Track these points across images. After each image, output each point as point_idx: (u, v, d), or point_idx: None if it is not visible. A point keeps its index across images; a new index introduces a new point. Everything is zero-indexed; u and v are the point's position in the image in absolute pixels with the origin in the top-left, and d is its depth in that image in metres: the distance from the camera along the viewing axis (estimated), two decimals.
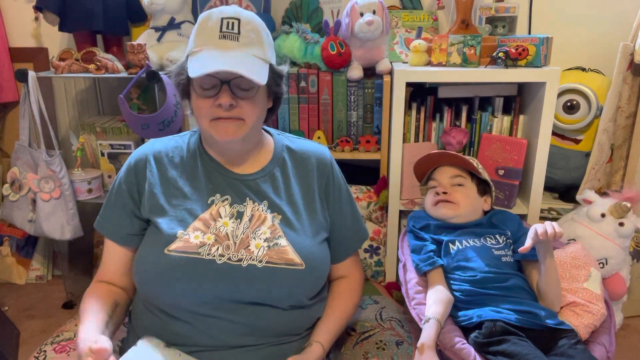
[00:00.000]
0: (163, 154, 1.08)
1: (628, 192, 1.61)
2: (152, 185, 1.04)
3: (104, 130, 1.87)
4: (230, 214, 1.02)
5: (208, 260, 0.96)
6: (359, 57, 1.68)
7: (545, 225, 1.15)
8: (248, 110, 0.97)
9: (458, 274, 1.25)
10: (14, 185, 1.84)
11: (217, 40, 0.94)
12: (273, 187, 1.07)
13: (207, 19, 0.96)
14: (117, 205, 1.06)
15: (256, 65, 0.95)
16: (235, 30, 0.95)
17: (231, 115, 0.96)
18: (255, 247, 0.99)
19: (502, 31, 1.77)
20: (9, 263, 2.17)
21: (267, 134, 1.15)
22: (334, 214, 1.13)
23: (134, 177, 1.05)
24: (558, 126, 1.73)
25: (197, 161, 1.07)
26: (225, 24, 0.94)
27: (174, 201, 1.03)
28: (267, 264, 0.97)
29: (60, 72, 1.72)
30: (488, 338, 1.10)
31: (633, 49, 1.65)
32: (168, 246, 0.97)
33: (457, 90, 1.70)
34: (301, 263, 1.00)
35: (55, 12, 1.79)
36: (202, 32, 0.96)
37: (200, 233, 0.99)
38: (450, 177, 1.41)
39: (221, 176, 1.06)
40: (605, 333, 1.20)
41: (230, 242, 0.99)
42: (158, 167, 1.06)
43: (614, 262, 1.58)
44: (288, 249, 1.00)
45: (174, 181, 1.05)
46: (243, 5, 1.88)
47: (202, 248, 0.97)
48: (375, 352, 1.15)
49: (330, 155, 1.17)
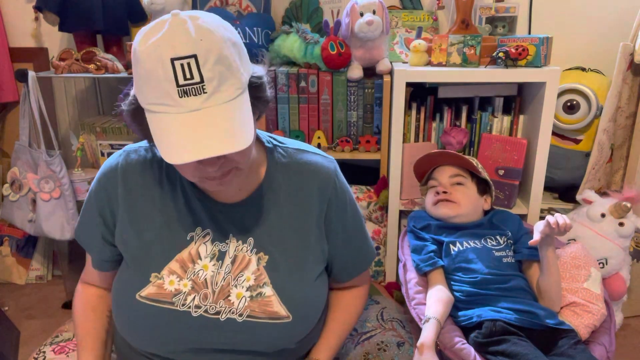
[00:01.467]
0: (138, 171, 0.91)
1: (628, 192, 1.61)
2: (126, 208, 0.90)
3: (104, 130, 1.86)
4: (212, 253, 0.89)
5: (182, 312, 0.86)
6: (359, 57, 1.67)
7: (556, 217, 1.15)
8: (239, 159, 0.78)
9: (459, 275, 1.25)
10: (14, 185, 1.84)
11: (177, 100, 0.70)
12: (261, 218, 0.91)
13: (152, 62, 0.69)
14: (91, 226, 0.93)
15: (237, 119, 0.73)
16: (197, 78, 0.69)
17: (222, 172, 0.79)
18: (236, 298, 0.87)
19: (502, 31, 1.77)
20: (9, 263, 2.17)
21: (259, 145, 0.95)
22: (336, 239, 0.96)
23: (105, 200, 0.91)
24: (558, 126, 1.73)
25: (176, 184, 0.90)
26: (179, 71, 0.68)
27: (149, 233, 0.89)
28: (247, 318, 0.86)
29: (60, 72, 1.72)
30: (488, 338, 1.10)
31: (633, 49, 1.65)
32: (140, 291, 0.87)
33: (457, 90, 1.70)
34: (287, 315, 0.88)
35: (55, 12, 1.79)
36: (154, 85, 0.70)
37: (175, 278, 0.87)
38: (450, 176, 1.41)
39: (201, 205, 0.90)
40: (605, 333, 1.20)
41: (208, 291, 0.87)
42: (132, 187, 0.90)
43: (614, 262, 1.58)
44: (273, 300, 0.87)
45: (150, 206, 0.89)
46: (243, 6, 1.87)
47: (177, 297, 0.86)
48: (376, 354, 1.15)
49: (334, 169, 0.97)
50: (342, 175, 0.99)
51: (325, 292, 0.98)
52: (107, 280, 0.98)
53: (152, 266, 0.88)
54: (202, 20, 0.72)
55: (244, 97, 0.76)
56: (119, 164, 0.91)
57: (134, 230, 0.89)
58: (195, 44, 0.69)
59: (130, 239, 0.90)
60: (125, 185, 0.90)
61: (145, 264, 0.88)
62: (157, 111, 0.72)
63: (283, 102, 1.73)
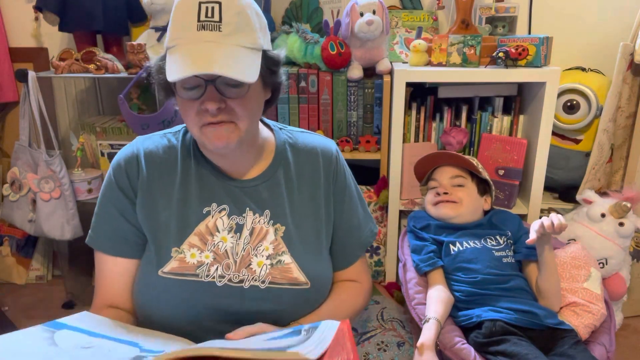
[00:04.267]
0: (154, 154, 0.95)
1: (628, 192, 1.61)
2: (144, 191, 0.93)
3: (104, 130, 1.86)
4: (229, 226, 0.92)
5: (207, 282, 0.88)
6: (359, 57, 1.67)
7: (551, 217, 1.15)
8: (239, 111, 0.84)
9: (459, 275, 1.25)
10: (14, 185, 1.84)
11: (194, 32, 0.79)
12: (275, 193, 0.96)
13: (183, 4, 0.81)
14: (113, 212, 0.94)
15: (244, 59, 0.81)
16: (216, 18, 0.79)
17: (221, 120, 0.84)
18: (258, 266, 0.91)
19: (502, 31, 1.76)
20: (9, 263, 2.17)
21: (266, 128, 1.02)
22: (338, 215, 1.01)
23: (126, 179, 0.93)
24: (558, 126, 1.73)
25: (191, 164, 0.95)
26: (203, 10, 0.79)
27: (166, 211, 0.92)
28: (270, 285, 0.90)
29: (60, 72, 1.72)
30: (488, 338, 1.10)
31: (633, 49, 1.65)
32: (162, 267, 0.89)
33: (457, 90, 1.70)
34: (306, 282, 0.92)
35: (55, 12, 1.79)
36: (178, 22, 0.81)
37: (196, 250, 0.90)
38: (451, 177, 1.41)
39: (218, 182, 0.94)
40: (605, 333, 1.20)
41: (230, 261, 0.90)
42: (150, 170, 0.93)
43: (614, 262, 1.58)
44: (292, 267, 0.92)
45: (167, 187, 0.93)
46: None
47: (200, 268, 0.89)
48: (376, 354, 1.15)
49: (336, 148, 1.05)
50: (342, 157, 1.06)
51: (332, 271, 1.02)
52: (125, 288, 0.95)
53: (172, 242, 0.90)
54: None
55: (257, 54, 0.83)
56: (136, 149, 0.95)
57: (153, 211, 0.92)
58: None
59: (149, 219, 0.92)
60: (144, 169, 0.93)
61: (165, 240, 0.91)
62: (175, 44, 0.81)
63: (283, 102, 1.73)
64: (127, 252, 0.95)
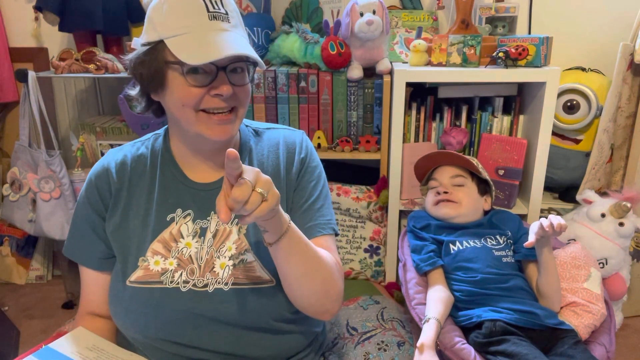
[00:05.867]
0: (124, 164, 0.97)
1: (628, 192, 1.61)
2: (115, 203, 0.94)
3: (104, 130, 1.86)
4: (194, 231, 0.93)
5: (171, 288, 0.89)
6: (359, 57, 1.67)
7: (550, 219, 1.15)
8: (243, 98, 0.88)
9: (459, 274, 1.25)
10: (14, 185, 1.84)
11: (207, 21, 0.82)
12: None
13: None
14: (85, 226, 0.96)
15: (251, 49, 0.85)
16: (223, 10, 0.84)
17: (227, 107, 0.85)
18: (220, 268, 0.90)
19: (502, 31, 1.76)
20: (9, 263, 2.17)
21: None
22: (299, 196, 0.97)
23: (97, 194, 0.95)
24: (558, 126, 1.73)
25: (157, 170, 0.96)
26: (210, 3, 0.83)
27: (135, 220, 0.93)
28: (233, 286, 0.89)
29: (60, 72, 1.72)
30: (488, 338, 1.10)
31: (633, 49, 1.65)
32: (129, 276, 0.91)
33: (457, 90, 1.70)
34: (270, 279, 0.91)
35: (55, 12, 1.79)
36: (184, 12, 0.82)
37: (160, 258, 0.91)
38: (451, 177, 1.41)
39: (184, 188, 0.95)
40: (605, 333, 1.20)
41: (194, 266, 0.91)
42: (120, 181, 0.95)
43: (614, 262, 1.58)
44: (255, 265, 0.91)
45: (136, 196, 0.95)
46: (243, 6, 1.87)
47: (164, 275, 0.90)
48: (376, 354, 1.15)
49: (302, 138, 1.03)
50: (311, 144, 1.04)
51: None
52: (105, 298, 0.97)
53: (138, 251, 0.91)
54: None
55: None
56: (107, 163, 0.97)
57: (124, 221, 0.94)
58: None
59: (119, 230, 0.94)
60: (115, 180, 0.95)
61: (132, 250, 0.92)
62: (180, 33, 0.81)
63: (283, 102, 1.73)
64: (98, 265, 0.97)
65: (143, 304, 0.89)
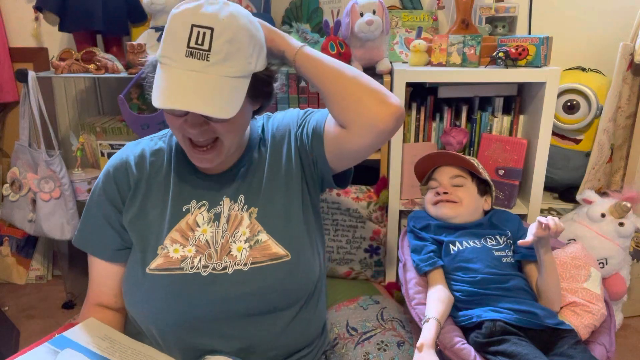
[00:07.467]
0: (144, 158, 1.00)
1: (628, 192, 1.61)
2: (134, 195, 0.97)
3: (104, 130, 1.86)
4: (208, 218, 0.97)
5: (192, 274, 0.92)
6: (359, 57, 1.67)
7: (547, 219, 1.15)
8: (223, 131, 0.87)
9: (458, 274, 1.25)
10: (14, 185, 1.84)
11: (182, 57, 0.79)
12: (248, 175, 0.99)
13: (177, 19, 0.81)
14: (99, 217, 0.98)
15: (227, 92, 0.81)
16: (206, 46, 0.79)
17: (206, 139, 0.87)
18: (237, 251, 0.94)
19: (502, 31, 1.77)
20: (9, 263, 2.17)
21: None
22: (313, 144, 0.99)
23: (114, 186, 0.98)
24: (558, 126, 1.73)
25: (172, 165, 1.00)
26: (194, 35, 0.78)
27: (154, 210, 0.97)
28: (252, 265, 0.93)
29: (60, 72, 1.72)
30: (488, 338, 1.10)
31: (633, 49, 1.65)
32: (149, 264, 0.93)
33: (457, 90, 1.70)
34: (286, 254, 0.95)
35: (55, 12, 1.79)
36: (171, 39, 0.81)
37: (179, 246, 0.94)
38: (451, 177, 1.41)
39: (197, 180, 0.99)
40: (605, 333, 1.20)
41: (211, 251, 0.94)
42: (140, 174, 0.98)
43: (614, 262, 1.58)
44: (270, 243, 0.95)
45: (155, 188, 0.98)
46: (243, 6, 1.87)
47: (184, 262, 0.93)
48: (376, 353, 1.15)
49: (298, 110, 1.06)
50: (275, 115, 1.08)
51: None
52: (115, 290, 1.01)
53: (157, 240, 0.94)
54: (233, 7, 0.83)
55: (244, 82, 0.84)
56: (125, 156, 1.00)
57: (142, 211, 0.97)
58: (217, 20, 0.79)
59: (138, 220, 0.96)
60: (135, 173, 0.98)
61: (151, 239, 0.95)
62: (165, 63, 0.82)
63: (283, 102, 1.72)
64: (111, 257, 0.99)
65: (164, 291, 0.91)
